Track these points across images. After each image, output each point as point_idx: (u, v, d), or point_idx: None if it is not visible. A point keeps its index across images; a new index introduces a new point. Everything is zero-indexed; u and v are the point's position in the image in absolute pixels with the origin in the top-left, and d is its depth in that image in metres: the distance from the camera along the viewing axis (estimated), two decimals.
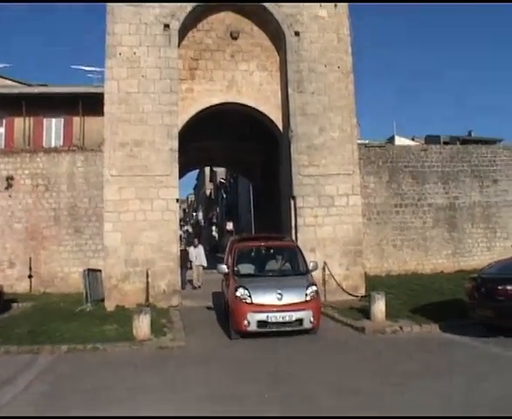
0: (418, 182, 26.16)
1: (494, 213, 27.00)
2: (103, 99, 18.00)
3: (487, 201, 26.98)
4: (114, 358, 10.93)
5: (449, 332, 12.36)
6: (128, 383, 8.91)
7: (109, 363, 10.47)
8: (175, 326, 13.93)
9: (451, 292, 17.20)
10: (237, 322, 12.20)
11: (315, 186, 18.65)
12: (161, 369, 9.88)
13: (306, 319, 12.15)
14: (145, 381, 9.04)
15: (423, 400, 7.52)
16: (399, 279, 22.17)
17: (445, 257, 25.97)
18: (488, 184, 27.08)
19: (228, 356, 10.90)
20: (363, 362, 9.98)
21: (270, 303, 12.09)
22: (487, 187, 27.05)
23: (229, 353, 11.24)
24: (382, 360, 10.05)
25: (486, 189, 27.03)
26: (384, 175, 25.75)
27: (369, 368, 9.46)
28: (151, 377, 9.26)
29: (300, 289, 12.51)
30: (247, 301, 12.15)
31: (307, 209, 18.57)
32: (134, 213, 17.58)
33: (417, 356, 10.23)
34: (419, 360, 9.96)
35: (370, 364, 9.84)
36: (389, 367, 9.41)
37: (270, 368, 9.68)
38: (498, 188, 27.18)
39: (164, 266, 17.64)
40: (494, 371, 8.95)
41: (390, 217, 25.51)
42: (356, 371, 9.30)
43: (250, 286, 12.41)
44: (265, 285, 12.66)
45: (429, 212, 26.11)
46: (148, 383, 8.86)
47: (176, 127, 18.13)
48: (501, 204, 27.14)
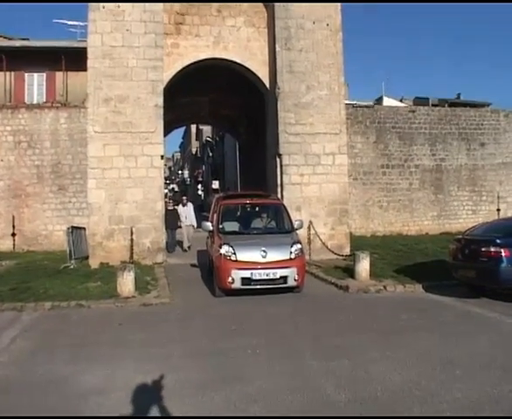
0: (405, 143, 26.23)
1: (481, 176, 27.23)
2: (86, 54, 17.73)
3: (474, 164, 27.18)
4: (98, 315, 10.98)
5: (432, 292, 12.57)
6: (111, 339, 8.98)
7: (93, 320, 10.53)
8: (159, 284, 14.01)
9: (435, 254, 17.44)
10: (221, 279, 12.26)
11: (302, 144, 18.65)
12: (145, 326, 9.95)
13: (290, 276, 12.24)
14: (129, 336, 9.13)
15: (402, 354, 7.68)
16: (384, 240, 22.39)
17: (430, 218, 26.24)
18: (476, 147, 27.24)
19: (212, 313, 10.99)
20: (346, 319, 10.13)
21: (254, 260, 12.14)
22: (474, 150, 27.21)
23: (213, 309, 11.31)
24: (364, 318, 10.20)
25: (473, 152, 27.20)
26: (372, 136, 25.78)
27: (351, 325, 9.61)
28: (135, 333, 9.34)
29: (284, 247, 12.56)
30: (232, 258, 12.18)
31: (294, 168, 18.61)
32: (119, 170, 17.52)
33: (399, 314, 10.39)
34: (401, 318, 10.12)
35: (352, 321, 9.99)
36: (370, 325, 9.56)
37: (254, 324, 9.82)
38: (485, 151, 27.35)
39: (149, 224, 17.67)
40: (472, 330, 9.15)
41: (377, 178, 25.62)
42: (339, 328, 9.45)
43: (234, 244, 12.44)
44: (249, 243, 12.75)
45: (416, 174, 26.25)
46: (132, 339, 8.94)
47: (161, 82, 17.94)
48: (487, 168, 27.35)
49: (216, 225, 13.70)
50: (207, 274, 14.93)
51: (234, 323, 9.95)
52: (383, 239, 22.83)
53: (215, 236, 13.47)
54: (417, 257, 17.13)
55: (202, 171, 79.25)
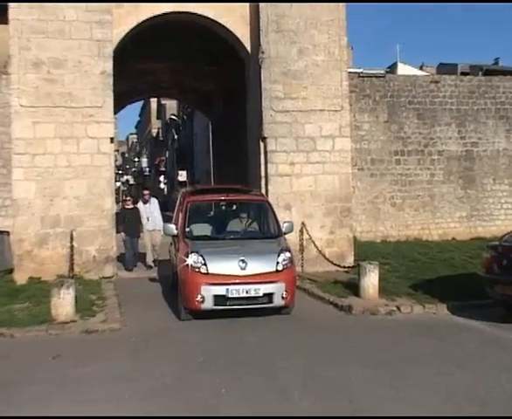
0: (425, 123, 26.29)
1: None
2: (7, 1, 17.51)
3: None
4: (24, 346, 10.86)
5: (460, 314, 12.61)
6: (42, 377, 8.88)
7: (18, 353, 10.40)
8: (107, 304, 13.97)
9: (463, 265, 17.52)
10: (188, 298, 12.21)
11: (292, 125, 18.67)
12: (87, 359, 9.87)
13: (277, 293, 12.18)
14: (66, 373, 9.04)
15: (419, 394, 7.69)
16: (398, 247, 22.44)
17: (458, 220, 26.34)
18: None
19: (175, 341, 10.96)
20: (348, 348, 10.12)
21: (231, 273, 12.10)
22: None
23: (176, 337, 11.30)
24: (371, 347, 10.20)
25: None
26: (382, 114, 25.81)
27: (354, 356, 9.60)
28: (74, 369, 9.27)
29: (269, 256, 12.58)
30: (201, 271, 12.13)
31: (282, 155, 18.64)
32: (55, 156, 17.41)
33: (416, 343, 10.39)
34: (419, 347, 10.12)
35: (356, 351, 9.98)
36: (379, 356, 9.56)
37: (229, 355, 9.80)
38: None
39: (95, 226, 17.60)
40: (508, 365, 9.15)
41: (389, 168, 25.67)
42: (338, 359, 9.44)
43: (205, 252, 12.40)
44: (224, 251, 12.81)
45: (439, 162, 26.33)
46: (70, 376, 8.87)
47: (109, 43, 17.87)
48: None
49: (181, 228, 13.66)
50: (170, 290, 14.89)
51: (202, 353, 9.91)
52: (396, 246, 22.88)
53: (180, 243, 13.47)
54: (440, 269, 17.17)
55: (165, 159, 79.24)
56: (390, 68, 34.32)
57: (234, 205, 14.91)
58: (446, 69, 33.80)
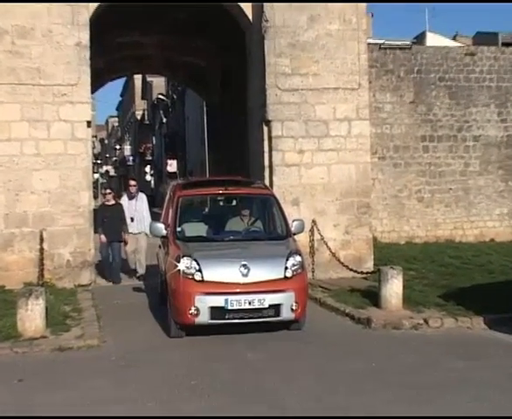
0: (459, 103, 26.30)
1: None
2: None
3: None
4: None
5: (499, 329, 12.55)
6: (5, 403, 8.87)
7: None
8: (84, 317, 13.97)
9: (504, 271, 17.54)
10: (179, 310, 12.07)
11: (301, 106, 18.68)
12: (60, 381, 9.88)
13: (285, 305, 12.03)
14: (34, 399, 9.04)
15: None
16: (426, 250, 22.45)
17: (497, 218, 26.35)
18: None
19: (163, 361, 10.96)
20: (367, 369, 10.13)
21: (230, 281, 11.96)
22: None
23: (164, 356, 11.29)
24: (394, 367, 10.19)
25: None
26: (408, 93, 25.81)
27: (374, 378, 9.60)
28: (44, 393, 9.25)
29: (276, 260, 12.48)
30: (195, 278, 11.99)
31: (289, 141, 18.65)
32: (21, 143, 17.46)
33: (447, 362, 10.38)
34: (451, 368, 10.11)
35: (376, 372, 9.99)
36: (403, 378, 9.57)
37: (225, 376, 9.82)
38: None
39: (69, 226, 17.63)
40: None
41: (415, 156, 25.68)
42: (356, 382, 9.44)
43: (199, 256, 12.27)
44: (222, 254, 12.73)
45: (475, 150, 26.34)
46: (40, 403, 8.86)
47: (85, 9, 17.92)
48: None
49: (171, 228, 13.59)
50: (158, 301, 14.92)
51: (195, 375, 9.92)
52: (424, 248, 22.89)
53: (170, 245, 13.40)
54: (476, 275, 17.17)
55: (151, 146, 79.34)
56: (418, 39, 34.17)
57: (234, 200, 14.86)
58: (485, 39, 33.70)
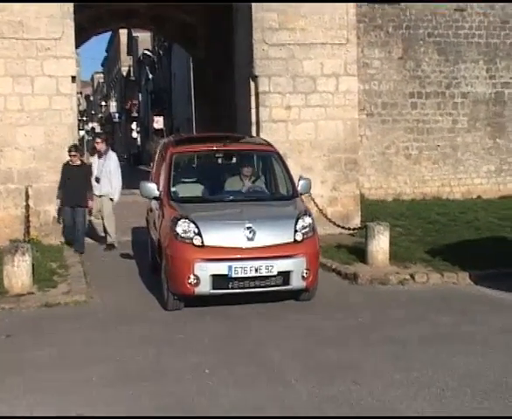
0: (447, 59, 26.18)
1: None
2: None
3: None
4: None
5: (485, 285, 12.70)
6: None
7: None
8: (71, 273, 13.97)
9: (490, 227, 17.62)
10: (177, 279, 11.04)
11: (289, 61, 18.59)
12: (48, 337, 9.94)
13: (296, 272, 11.13)
14: (22, 354, 9.10)
15: (437, 377, 7.80)
16: (413, 207, 22.54)
17: (484, 175, 26.38)
18: None
19: (152, 319, 11.04)
20: (353, 324, 10.26)
21: (234, 245, 11.05)
22: None
23: (154, 315, 11.34)
24: (380, 322, 10.32)
25: None
26: (396, 49, 25.70)
27: (360, 333, 9.72)
28: (32, 349, 9.31)
29: (285, 222, 11.58)
30: (194, 243, 11.03)
31: (276, 97, 18.59)
32: (4, 98, 17.32)
33: (433, 318, 10.49)
34: (437, 323, 10.21)
35: (362, 327, 10.12)
36: (389, 332, 9.69)
37: (215, 331, 9.93)
38: None
39: (54, 182, 17.46)
40: None
41: (403, 113, 25.63)
42: (342, 337, 9.58)
43: (198, 218, 11.35)
44: (224, 216, 11.86)
45: (463, 107, 26.29)
46: (28, 358, 8.93)
47: None
48: None
49: (165, 188, 12.49)
50: (149, 269, 14.36)
51: (183, 330, 10.07)
52: (411, 205, 22.96)
53: (164, 207, 12.29)
54: (462, 232, 17.27)
55: (138, 102, 78.90)
56: None
57: (233, 158, 13.75)
58: None
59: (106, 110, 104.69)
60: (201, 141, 14.98)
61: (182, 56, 44.82)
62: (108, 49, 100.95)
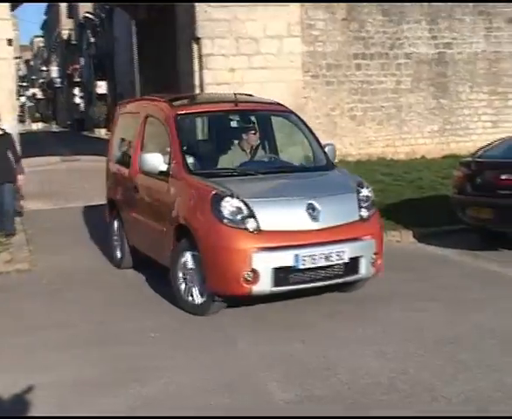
0: (391, 20, 26.25)
1: (507, 70, 27.54)
2: None
3: (497, 51, 27.42)
4: None
5: (428, 242, 13.00)
6: None
7: None
8: (12, 241, 13.86)
9: (433, 186, 17.81)
10: (225, 276, 8.84)
11: (232, 23, 18.61)
12: None
13: (365, 257, 9.31)
14: None
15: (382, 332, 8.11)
16: (359, 167, 22.55)
17: (428, 135, 26.61)
18: (500, 25, 27.45)
19: (98, 285, 11.04)
20: None
21: (298, 228, 8.97)
22: (497, 29, 27.43)
23: (101, 280, 11.34)
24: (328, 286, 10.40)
25: (495, 33, 27.43)
26: (340, 10, 25.70)
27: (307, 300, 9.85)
28: None
29: (345, 196, 9.68)
30: (248, 227, 8.81)
31: (220, 59, 18.64)
32: None
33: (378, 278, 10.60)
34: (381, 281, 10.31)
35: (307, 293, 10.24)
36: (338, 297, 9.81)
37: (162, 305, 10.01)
38: None
39: None
40: (488, 297, 9.53)
41: (348, 74, 25.69)
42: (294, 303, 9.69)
43: (247, 194, 9.11)
44: (277, 191, 9.70)
45: (406, 67, 26.41)
46: None
47: None
48: None
49: (179, 159, 9.99)
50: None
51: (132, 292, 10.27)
52: (356, 166, 23.02)
53: (181, 184, 9.89)
54: (406, 190, 17.43)
55: (80, 67, 77.92)
56: None
57: (249, 121, 11.48)
58: None
59: (47, 75, 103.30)
60: (206, 102, 12.68)
61: (124, 19, 44.41)
62: (48, 12, 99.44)
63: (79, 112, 75.74)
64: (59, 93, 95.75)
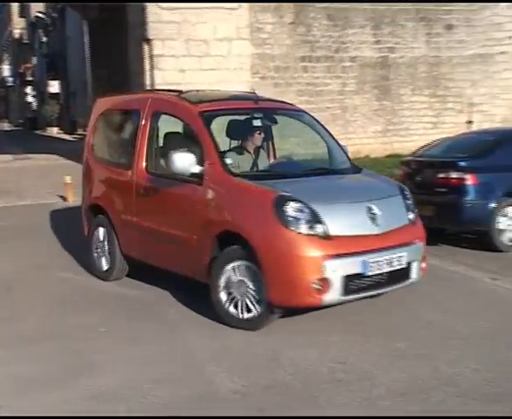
0: (337, 25, 26.44)
1: (446, 74, 28.00)
2: None
3: (437, 56, 27.85)
4: None
5: None
6: None
7: None
8: None
9: None
10: (294, 286, 7.97)
11: (182, 25, 18.63)
12: None
13: (417, 262, 8.77)
14: None
15: None
16: None
17: (372, 135, 26.87)
18: (439, 32, 27.86)
19: (45, 281, 10.97)
20: None
21: (363, 232, 8.31)
22: (437, 35, 27.82)
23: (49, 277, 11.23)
24: None
25: (435, 39, 27.82)
26: (287, 14, 25.82)
27: None
28: None
29: (393, 199, 9.05)
30: (318, 232, 7.98)
31: (170, 60, 18.64)
32: None
33: None
34: None
35: None
36: None
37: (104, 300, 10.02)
38: (453, 38, 28.02)
39: None
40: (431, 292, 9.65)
41: (295, 76, 25.83)
42: None
43: (310, 198, 8.23)
44: (333, 193, 8.83)
45: (351, 70, 26.67)
46: None
47: None
48: (455, 62, 28.09)
49: (215, 160, 8.95)
50: None
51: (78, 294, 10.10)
52: None
53: (223, 187, 8.80)
54: None
55: (32, 66, 77.21)
56: None
57: (274, 120, 10.56)
58: None
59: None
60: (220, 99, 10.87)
61: (76, 18, 44.06)
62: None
63: (31, 110, 74.94)
64: (11, 92, 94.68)
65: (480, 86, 28.48)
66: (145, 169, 9.85)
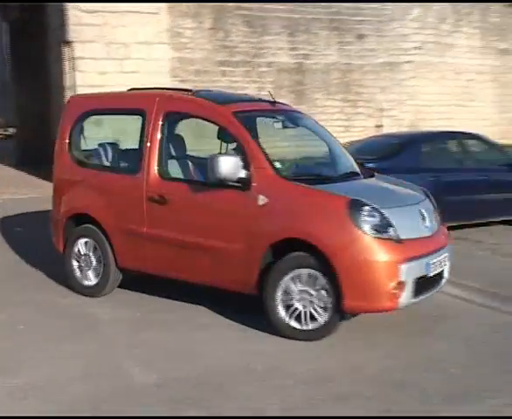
0: (255, 31, 26.55)
1: (356, 80, 28.49)
2: None
3: (348, 63, 28.28)
4: None
5: None
6: None
7: None
8: None
9: None
10: (372, 291, 7.82)
11: (103, 28, 18.52)
12: None
13: (448, 264, 8.79)
14: None
15: None
16: None
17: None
18: (351, 40, 28.31)
19: None
20: None
21: (422, 234, 8.36)
22: (348, 43, 28.26)
23: None
24: None
25: (347, 47, 28.27)
26: (207, 19, 25.89)
27: None
28: None
29: (426, 201, 9.01)
30: (392, 237, 7.87)
31: (91, 63, 18.51)
32: None
33: None
34: None
35: None
36: None
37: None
38: (364, 46, 28.49)
39: None
40: None
41: (214, 80, 25.82)
42: None
43: (375, 202, 8.03)
44: (387, 197, 8.77)
45: (268, 75, 26.83)
46: None
47: None
48: (366, 69, 28.59)
49: (263, 163, 8.25)
50: None
51: None
52: None
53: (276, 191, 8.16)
54: None
55: None
56: None
57: (296, 123, 10.29)
58: None
59: None
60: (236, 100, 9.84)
61: None
62: None
63: None
64: None
65: (388, 93, 29.00)
66: (158, 174, 8.96)
